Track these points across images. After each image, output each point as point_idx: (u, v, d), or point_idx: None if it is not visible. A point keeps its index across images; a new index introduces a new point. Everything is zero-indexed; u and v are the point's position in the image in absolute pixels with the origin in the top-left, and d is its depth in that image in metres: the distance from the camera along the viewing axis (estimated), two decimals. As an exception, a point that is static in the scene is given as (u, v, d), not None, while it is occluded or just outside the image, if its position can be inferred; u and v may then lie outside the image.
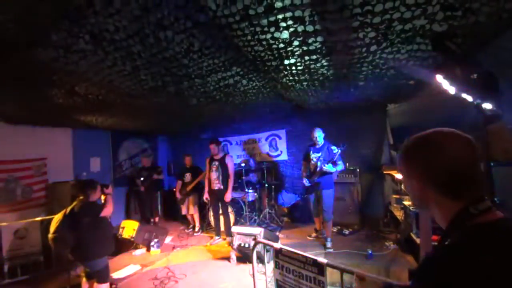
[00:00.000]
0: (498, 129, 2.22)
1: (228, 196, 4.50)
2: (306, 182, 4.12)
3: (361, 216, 4.84)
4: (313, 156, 4.06)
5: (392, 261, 3.30)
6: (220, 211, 4.69)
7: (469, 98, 2.04)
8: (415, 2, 1.72)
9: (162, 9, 1.71)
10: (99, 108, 4.00)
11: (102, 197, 2.93)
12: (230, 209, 5.09)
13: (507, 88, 1.96)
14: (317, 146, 4.06)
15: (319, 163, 3.90)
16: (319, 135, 4.03)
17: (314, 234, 4.38)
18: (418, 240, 3.05)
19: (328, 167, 3.77)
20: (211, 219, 5.14)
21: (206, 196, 4.77)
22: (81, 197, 2.74)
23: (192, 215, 5.53)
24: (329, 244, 3.88)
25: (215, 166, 4.62)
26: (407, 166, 0.75)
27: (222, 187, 4.55)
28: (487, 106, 2.02)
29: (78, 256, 2.72)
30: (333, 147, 3.85)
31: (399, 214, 4.10)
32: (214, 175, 4.61)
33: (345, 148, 3.79)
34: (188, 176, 5.55)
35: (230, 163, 4.58)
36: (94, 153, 5.96)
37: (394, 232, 4.20)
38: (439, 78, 2.12)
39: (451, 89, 2.10)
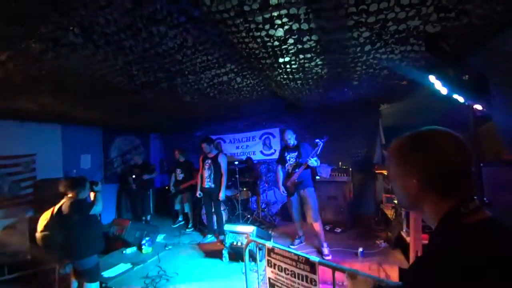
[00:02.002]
0: (488, 130, 2.25)
1: (221, 195, 4.46)
2: (283, 191, 3.98)
3: (353, 215, 4.89)
4: (289, 156, 3.95)
5: (382, 259, 3.34)
6: (213, 209, 4.66)
7: (461, 99, 2.07)
8: (409, 3, 1.74)
9: (155, 3, 1.67)
10: (90, 104, 3.92)
11: (92, 195, 2.87)
12: (223, 207, 5.07)
13: (497, 89, 2.00)
14: (290, 146, 3.96)
15: (298, 160, 3.78)
16: (291, 137, 3.93)
17: (297, 242, 4.05)
18: (408, 239, 3.09)
19: (312, 162, 3.60)
20: (204, 217, 5.12)
21: (198, 192, 4.75)
22: (70, 195, 2.68)
23: (186, 213, 5.55)
24: (326, 250, 3.62)
25: (207, 164, 4.60)
26: (402, 164, 0.74)
27: (213, 185, 4.52)
28: (478, 107, 2.05)
29: (67, 255, 2.66)
30: (317, 140, 3.71)
31: (390, 213, 4.15)
32: (206, 173, 4.60)
33: (327, 139, 3.66)
34: (178, 172, 5.52)
35: (223, 162, 4.55)
36: (84, 150, 5.84)
37: (385, 230, 4.25)
38: (432, 78, 2.14)
39: (443, 90, 2.13)
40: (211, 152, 4.63)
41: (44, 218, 2.61)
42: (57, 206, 2.65)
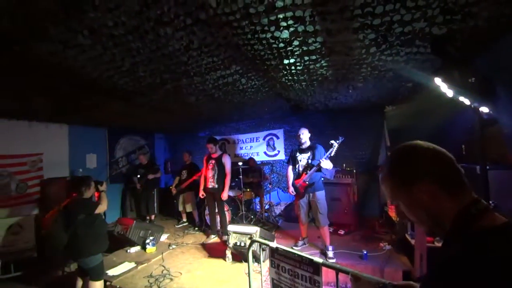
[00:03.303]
0: (494, 133, 2.24)
1: (224, 195, 4.45)
2: (292, 191, 3.89)
3: (357, 217, 4.86)
4: (301, 157, 3.87)
5: (386, 261, 3.32)
6: (216, 210, 4.68)
7: (467, 102, 2.05)
8: (415, 5, 1.74)
9: (162, 5, 1.70)
10: (97, 104, 3.97)
11: (96, 194, 2.90)
12: (226, 208, 5.08)
13: (504, 92, 1.98)
14: (303, 147, 3.89)
15: (310, 161, 3.72)
16: (305, 134, 3.85)
17: (300, 243, 4.02)
18: (412, 242, 3.07)
19: (326, 163, 3.53)
20: (207, 217, 5.14)
21: (201, 193, 4.74)
22: (75, 194, 2.72)
23: (190, 213, 5.63)
24: (331, 254, 3.56)
25: (211, 164, 4.59)
26: (406, 177, 0.71)
27: (216, 185, 4.50)
28: (484, 110, 2.04)
29: (72, 253, 2.70)
30: (331, 141, 3.63)
31: (394, 216, 4.12)
32: (210, 173, 4.59)
33: (342, 140, 3.58)
34: (184, 173, 5.61)
35: (227, 163, 4.55)
36: (90, 150, 5.91)
37: (389, 233, 4.22)
38: (437, 81, 2.13)
39: (449, 92, 2.11)
40: (216, 152, 4.64)
41: (50, 217, 2.65)
42: (62, 205, 2.69)
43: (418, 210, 0.71)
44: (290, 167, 4.07)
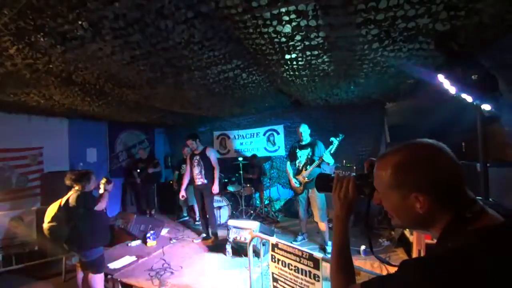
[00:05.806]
0: (496, 130, 2.23)
1: (215, 188, 4.28)
2: (295, 183, 3.89)
3: (356, 213, 4.86)
4: (301, 153, 3.89)
5: (385, 257, 3.35)
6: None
7: (469, 99, 2.04)
8: (419, 0, 1.71)
9: (163, -2, 1.68)
10: (96, 98, 3.95)
11: (102, 187, 2.90)
12: (226, 203, 5.10)
13: (506, 90, 1.97)
14: (303, 143, 3.90)
15: (311, 157, 3.75)
16: (305, 131, 3.85)
17: (300, 238, 4.08)
18: (411, 238, 3.09)
19: (327, 158, 3.56)
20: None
21: (182, 193, 4.57)
22: (76, 187, 2.73)
23: (190, 207, 5.63)
24: (330, 249, 3.53)
25: (196, 161, 4.39)
26: (406, 180, 0.67)
27: (205, 181, 4.32)
28: (486, 107, 2.03)
29: (73, 246, 2.71)
30: (332, 138, 3.65)
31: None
32: (196, 170, 4.39)
33: (342, 137, 3.60)
34: (184, 167, 5.60)
35: (212, 155, 4.37)
36: (90, 144, 5.91)
37: (388, 229, 4.25)
38: (440, 77, 2.12)
39: (452, 89, 2.10)
40: (197, 148, 4.42)
41: (51, 210, 2.66)
42: (64, 198, 2.70)
43: (404, 212, 0.70)
44: (289, 163, 4.12)
